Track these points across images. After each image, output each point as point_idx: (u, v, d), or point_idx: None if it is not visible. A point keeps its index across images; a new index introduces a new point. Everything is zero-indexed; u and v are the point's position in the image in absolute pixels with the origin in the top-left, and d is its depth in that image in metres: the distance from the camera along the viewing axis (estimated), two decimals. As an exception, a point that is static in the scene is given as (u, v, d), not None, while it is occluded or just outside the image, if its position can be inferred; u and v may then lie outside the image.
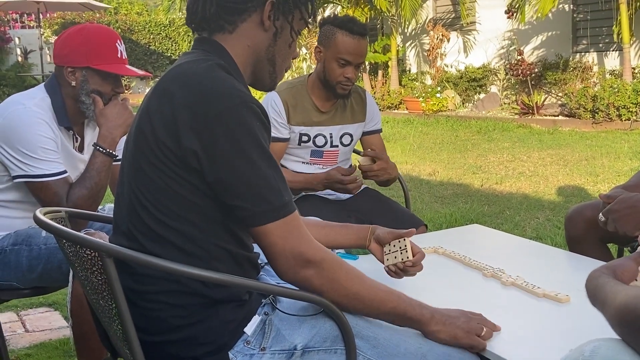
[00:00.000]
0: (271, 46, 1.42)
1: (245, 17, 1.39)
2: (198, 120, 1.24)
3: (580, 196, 4.96)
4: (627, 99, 8.43)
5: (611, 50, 10.25)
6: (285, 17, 1.40)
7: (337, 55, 2.46)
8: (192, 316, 1.31)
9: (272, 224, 1.26)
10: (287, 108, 2.55)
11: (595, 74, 10.23)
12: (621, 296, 1.02)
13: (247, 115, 1.26)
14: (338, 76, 2.48)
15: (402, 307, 1.35)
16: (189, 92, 1.26)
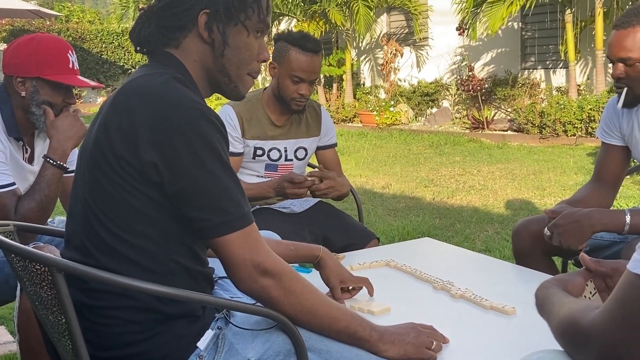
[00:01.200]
0: (218, 57, 1.40)
1: (186, 33, 1.39)
2: (158, 133, 1.24)
3: (528, 209, 5.09)
4: (572, 115, 8.71)
5: (558, 68, 10.58)
6: (225, 26, 1.38)
7: (291, 73, 2.47)
8: (145, 332, 1.30)
9: (232, 234, 1.27)
10: (241, 122, 2.55)
11: (542, 90, 10.54)
12: (566, 308, 1.06)
13: (206, 127, 1.26)
14: (292, 93, 2.50)
15: (354, 327, 1.36)
16: (148, 106, 1.26)
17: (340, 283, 1.73)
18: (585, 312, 0.98)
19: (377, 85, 13.21)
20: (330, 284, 1.72)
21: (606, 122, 2.25)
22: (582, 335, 0.96)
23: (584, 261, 1.27)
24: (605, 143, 2.26)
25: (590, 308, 0.98)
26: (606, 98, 8.49)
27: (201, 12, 1.36)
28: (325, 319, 1.35)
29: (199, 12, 1.36)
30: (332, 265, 1.74)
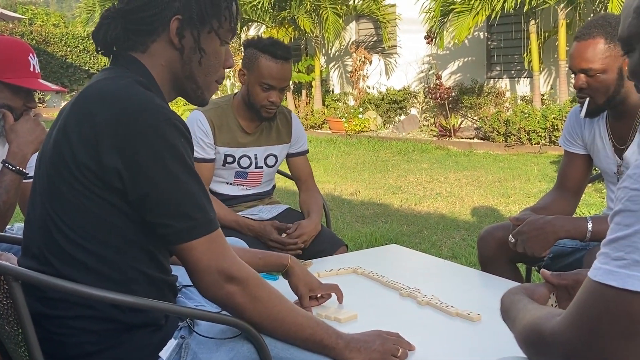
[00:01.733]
0: (187, 64, 1.38)
1: (155, 38, 1.36)
2: (120, 138, 1.22)
3: (494, 216, 5.15)
4: (536, 124, 8.86)
5: (522, 77, 10.77)
6: (196, 32, 1.36)
7: (261, 80, 2.44)
8: (105, 342, 1.27)
9: (197, 240, 1.25)
10: (213, 128, 2.51)
11: (507, 99, 10.71)
12: (529, 315, 1.06)
13: (170, 131, 1.24)
14: (262, 100, 2.47)
15: (320, 335, 1.34)
16: (110, 110, 1.24)
17: (308, 291, 1.72)
18: (547, 318, 0.99)
19: (346, 92, 13.27)
20: (298, 292, 1.71)
21: (569, 131, 2.29)
22: (544, 342, 0.96)
23: (545, 276, 1.28)
24: (568, 152, 2.30)
25: (553, 315, 0.99)
26: (569, 107, 8.66)
27: (173, 17, 1.33)
28: (291, 326, 1.33)
29: (171, 17, 1.33)
30: (300, 273, 1.72)
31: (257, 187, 2.68)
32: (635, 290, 0.84)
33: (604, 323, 0.87)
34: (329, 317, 1.65)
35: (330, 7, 11.69)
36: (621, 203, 0.87)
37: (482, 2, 9.17)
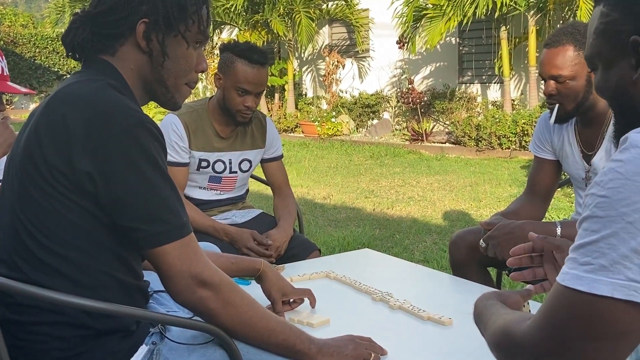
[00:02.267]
0: (155, 67, 1.37)
1: (123, 41, 1.35)
2: (92, 141, 1.20)
3: (465, 220, 5.20)
4: (507, 129, 8.98)
5: (493, 83, 10.91)
6: (164, 36, 1.35)
7: (237, 85, 2.42)
8: (74, 348, 1.26)
9: (170, 244, 1.24)
10: (188, 132, 2.49)
11: (479, 104, 10.84)
12: (500, 320, 1.08)
13: (143, 135, 1.23)
14: (238, 105, 2.45)
15: (292, 340, 1.35)
16: (82, 114, 1.22)
17: (282, 296, 1.72)
18: (518, 322, 1.00)
19: (319, 95, 13.30)
20: (271, 297, 1.71)
21: (538, 137, 2.33)
22: (515, 345, 0.98)
23: (532, 238, 1.30)
24: (538, 157, 2.34)
25: (524, 319, 1.01)
26: (539, 113, 8.80)
27: (140, 21, 1.33)
28: (264, 331, 1.33)
29: (138, 21, 1.33)
30: (273, 278, 1.72)
31: (231, 191, 2.67)
32: (602, 294, 0.86)
33: (572, 326, 0.89)
34: (302, 321, 1.65)
35: (303, 11, 11.71)
36: (589, 209, 0.89)
37: (454, 8, 9.27)
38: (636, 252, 0.84)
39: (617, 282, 0.85)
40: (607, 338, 0.87)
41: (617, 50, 1.01)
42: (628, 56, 0.99)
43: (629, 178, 0.85)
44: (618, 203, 0.85)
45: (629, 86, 1.00)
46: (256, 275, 1.72)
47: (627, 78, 1.00)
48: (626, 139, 0.89)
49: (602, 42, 1.04)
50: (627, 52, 0.99)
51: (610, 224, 0.86)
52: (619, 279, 0.85)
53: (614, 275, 0.85)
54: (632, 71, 0.99)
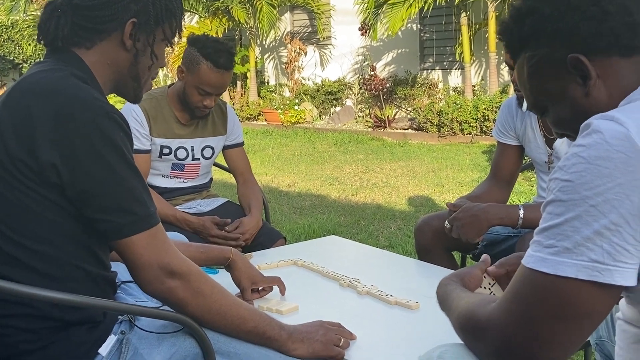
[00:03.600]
0: (133, 65, 1.38)
1: (104, 37, 1.34)
2: (57, 132, 1.19)
3: (428, 206, 5.27)
4: (468, 115, 9.09)
5: (454, 69, 11.02)
6: (147, 36, 1.36)
7: (199, 85, 2.41)
8: (42, 340, 1.25)
9: (138, 235, 1.23)
10: (148, 119, 2.48)
11: (440, 90, 10.94)
12: (463, 303, 1.10)
13: (109, 125, 1.22)
14: (197, 102, 2.46)
15: (262, 327, 1.36)
16: (46, 104, 1.20)
17: (251, 284, 1.72)
18: (482, 305, 1.03)
19: (282, 83, 13.24)
20: (241, 285, 1.71)
21: (501, 123, 2.37)
22: (480, 329, 1.00)
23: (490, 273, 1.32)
24: (501, 143, 2.38)
25: (487, 301, 1.03)
26: (499, 98, 8.93)
27: (129, 20, 1.32)
28: (234, 319, 1.34)
29: (127, 20, 1.32)
30: (243, 267, 1.72)
31: (195, 179, 2.66)
32: (566, 275, 0.88)
33: (537, 308, 0.91)
34: (271, 309, 1.66)
35: (264, -2, 11.62)
36: (553, 193, 0.92)
37: (415, -6, 9.32)
38: (599, 234, 0.86)
39: (581, 263, 0.87)
40: (572, 318, 0.90)
41: (559, 78, 1.04)
42: (572, 77, 1.02)
43: (591, 162, 0.88)
44: (581, 187, 0.88)
45: (583, 102, 1.03)
46: (226, 263, 1.72)
47: (579, 96, 1.03)
48: (588, 125, 0.91)
49: (542, 81, 1.07)
50: (570, 74, 1.02)
51: (574, 207, 0.88)
52: (583, 261, 0.87)
53: (578, 257, 0.88)
54: (581, 87, 1.02)
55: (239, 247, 2.40)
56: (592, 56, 0.99)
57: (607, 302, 0.90)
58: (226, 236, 2.40)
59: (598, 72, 1.00)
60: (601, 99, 1.01)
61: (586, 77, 1.01)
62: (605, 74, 1.00)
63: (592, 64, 0.99)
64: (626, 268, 0.87)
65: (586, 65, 0.99)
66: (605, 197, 0.86)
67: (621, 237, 0.86)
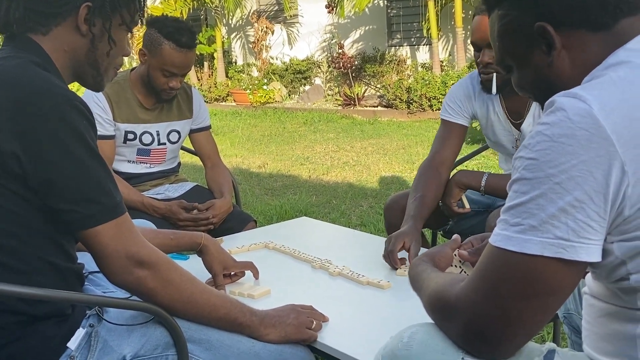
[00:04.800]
0: (91, 51, 1.33)
1: (59, 21, 1.30)
2: (18, 121, 1.15)
3: (399, 183, 5.29)
4: (437, 90, 9.13)
5: (422, 45, 11.03)
6: (104, 20, 1.32)
7: (162, 67, 2.38)
8: (8, 335, 1.22)
9: (103, 225, 1.21)
10: (110, 104, 2.44)
11: (408, 66, 10.95)
12: (434, 283, 1.11)
13: (71, 114, 1.19)
14: (162, 85, 2.42)
15: (234, 314, 1.36)
16: (7, 93, 1.17)
17: (223, 269, 1.71)
18: (451, 285, 1.04)
19: (250, 63, 13.12)
20: (212, 270, 1.70)
21: (454, 102, 2.28)
22: (450, 308, 1.01)
23: (461, 255, 1.33)
24: (450, 122, 2.29)
25: (456, 281, 1.04)
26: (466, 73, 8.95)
27: (83, 4, 1.28)
28: (205, 307, 1.33)
29: (81, 4, 1.28)
30: (214, 251, 1.71)
31: (162, 164, 2.63)
32: (532, 253, 0.89)
33: (504, 285, 0.92)
34: (243, 294, 1.65)
35: (229, -24, 11.45)
36: (518, 172, 0.92)
37: (381, -29, 9.27)
38: (563, 212, 0.87)
39: (547, 241, 0.88)
40: (539, 295, 0.91)
41: (526, 43, 1.04)
42: (538, 44, 1.02)
43: (556, 140, 0.88)
44: (546, 165, 0.88)
45: (546, 71, 1.03)
46: (197, 249, 1.70)
47: (543, 64, 1.03)
48: (552, 103, 0.92)
49: (509, 41, 1.07)
50: (536, 41, 1.02)
51: (539, 185, 0.89)
52: (548, 238, 0.88)
53: (543, 235, 0.88)
54: (545, 56, 1.02)
55: (209, 228, 2.39)
56: (559, 27, 0.99)
57: (572, 278, 0.91)
58: (195, 218, 2.38)
59: (564, 43, 1.00)
60: (564, 69, 1.01)
61: (551, 47, 1.01)
62: (571, 46, 1.00)
63: (559, 34, 0.99)
64: (590, 244, 0.88)
65: (552, 35, 0.99)
66: (569, 174, 0.87)
67: (585, 214, 0.87)
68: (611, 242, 0.90)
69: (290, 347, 1.39)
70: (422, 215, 2.05)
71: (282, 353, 1.38)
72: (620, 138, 0.86)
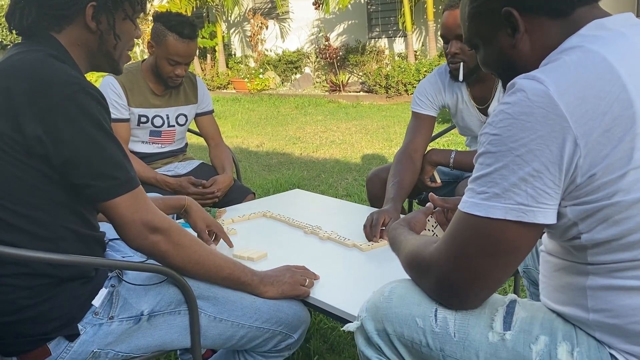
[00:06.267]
0: (102, 44, 1.31)
1: (70, 21, 1.27)
2: (38, 109, 1.13)
3: (379, 158, 5.28)
4: (411, 77, 9.08)
5: (398, 37, 10.94)
6: (108, 17, 1.29)
7: (168, 56, 2.35)
8: (39, 296, 1.22)
9: (120, 197, 1.20)
10: (125, 91, 2.42)
11: (387, 56, 10.87)
12: (409, 244, 1.11)
13: (85, 100, 1.17)
14: (169, 72, 2.40)
15: (237, 274, 1.36)
16: (25, 84, 1.15)
17: (206, 227, 1.70)
18: (425, 246, 1.04)
19: (247, 55, 12.99)
20: (197, 228, 1.70)
21: (424, 96, 2.23)
22: (424, 266, 1.01)
23: (432, 200, 1.33)
24: (421, 114, 2.24)
25: (430, 242, 1.04)
26: (437, 62, 8.92)
27: (88, 4, 1.25)
28: (212, 268, 1.33)
29: (86, 4, 1.25)
30: (198, 211, 1.70)
31: (171, 144, 2.61)
32: (496, 217, 0.89)
33: (472, 245, 0.92)
34: (243, 257, 1.65)
35: (227, -23, 11.26)
36: (483, 147, 0.91)
37: (362, -29, 9.14)
38: (524, 180, 0.87)
39: (509, 206, 0.88)
40: (502, 254, 0.91)
41: (493, 25, 1.02)
42: (504, 27, 1.00)
43: (516, 118, 0.88)
44: (508, 139, 0.88)
45: (509, 52, 1.02)
46: (182, 210, 1.69)
47: (507, 45, 1.02)
48: (513, 85, 0.91)
49: (478, 22, 1.05)
50: (502, 24, 1.00)
51: (502, 158, 0.88)
52: (510, 204, 0.88)
53: (506, 201, 0.88)
54: (510, 38, 1.00)
55: (214, 201, 2.39)
56: (523, 12, 0.98)
57: (531, 238, 0.91)
58: (202, 192, 2.38)
59: (527, 27, 0.98)
60: (525, 51, 1.00)
61: (515, 30, 0.99)
62: (533, 30, 0.98)
63: (523, 19, 0.98)
64: (547, 209, 0.88)
65: (517, 19, 0.98)
66: (528, 147, 0.86)
67: (542, 182, 0.87)
68: (565, 207, 0.90)
69: (286, 302, 1.40)
70: (400, 197, 2.02)
71: (280, 307, 1.39)
72: (573, 115, 0.85)
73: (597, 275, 0.92)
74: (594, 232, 0.89)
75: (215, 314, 1.34)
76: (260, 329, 1.37)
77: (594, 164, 0.86)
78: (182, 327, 1.31)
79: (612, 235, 0.88)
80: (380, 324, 1.06)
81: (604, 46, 0.90)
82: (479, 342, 0.98)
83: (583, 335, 0.95)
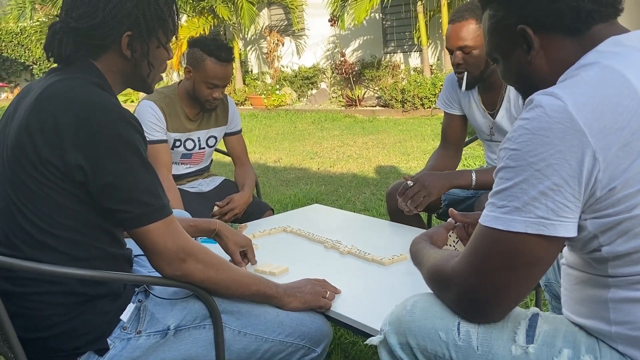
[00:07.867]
0: (138, 70, 1.35)
1: (106, 50, 1.31)
2: (81, 136, 1.17)
3: (397, 172, 5.29)
4: (427, 91, 9.09)
5: (413, 51, 10.97)
6: (149, 45, 1.33)
7: (206, 80, 2.38)
8: (71, 312, 1.25)
9: (154, 224, 1.22)
10: (165, 116, 2.45)
11: (402, 71, 10.89)
12: (432, 258, 1.12)
13: (125, 129, 1.20)
14: (207, 96, 2.42)
15: (263, 289, 1.38)
16: (70, 112, 1.19)
17: (238, 248, 1.72)
18: (447, 260, 1.05)
19: (264, 71, 13.10)
20: (229, 250, 1.71)
21: (446, 96, 2.38)
22: (446, 279, 1.02)
23: (453, 215, 1.35)
24: (447, 113, 2.40)
25: (451, 256, 1.05)
26: (453, 75, 8.90)
27: (124, 34, 1.29)
28: (240, 287, 1.35)
29: (122, 34, 1.29)
30: (228, 234, 1.72)
31: (199, 164, 2.65)
32: (517, 231, 0.90)
33: (493, 259, 0.93)
34: (265, 271, 1.67)
35: (244, -4, 11.41)
36: (503, 161, 0.93)
37: (376, -12, 9.21)
38: (544, 194, 0.88)
39: (529, 220, 0.89)
40: (523, 267, 0.92)
41: (510, 41, 1.04)
42: (520, 43, 1.02)
43: (535, 133, 0.89)
44: (527, 154, 0.89)
45: (526, 67, 1.03)
46: (213, 234, 1.71)
47: (524, 61, 1.03)
48: (531, 101, 0.92)
49: (496, 38, 1.07)
50: (518, 40, 1.02)
51: (521, 172, 0.90)
52: (531, 218, 0.89)
53: (526, 215, 0.89)
54: (526, 54, 1.02)
55: (233, 218, 2.42)
56: (538, 30, 0.99)
57: (552, 251, 0.92)
58: (220, 212, 2.43)
59: (542, 44, 1.00)
60: (542, 67, 1.01)
61: (530, 47, 1.01)
62: (548, 47, 1.00)
63: (538, 36, 0.99)
64: (567, 222, 0.89)
65: (531, 36, 1.00)
66: (547, 162, 0.87)
67: (562, 196, 0.88)
68: (585, 220, 0.91)
69: (309, 316, 1.41)
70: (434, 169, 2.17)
71: (302, 321, 1.40)
72: (591, 130, 0.86)
73: (618, 287, 0.93)
74: (615, 244, 0.90)
75: (240, 328, 1.36)
76: (283, 343, 1.39)
77: (613, 177, 0.86)
78: (207, 342, 1.33)
79: (633, 247, 0.89)
80: (403, 338, 1.07)
81: (620, 62, 0.92)
82: (502, 356, 0.98)
83: (606, 348, 0.95)
